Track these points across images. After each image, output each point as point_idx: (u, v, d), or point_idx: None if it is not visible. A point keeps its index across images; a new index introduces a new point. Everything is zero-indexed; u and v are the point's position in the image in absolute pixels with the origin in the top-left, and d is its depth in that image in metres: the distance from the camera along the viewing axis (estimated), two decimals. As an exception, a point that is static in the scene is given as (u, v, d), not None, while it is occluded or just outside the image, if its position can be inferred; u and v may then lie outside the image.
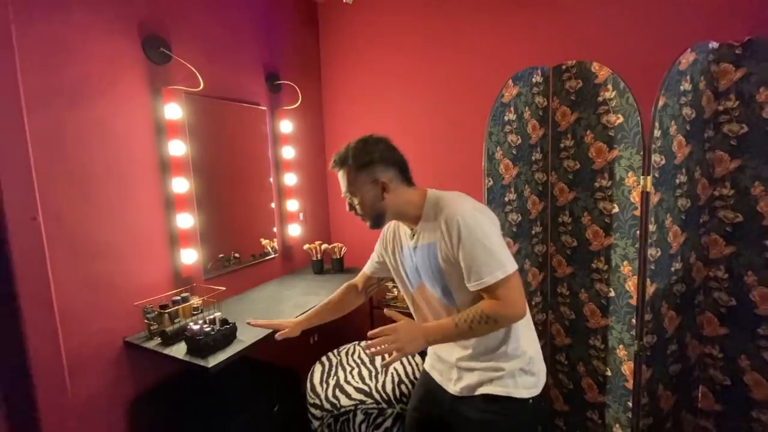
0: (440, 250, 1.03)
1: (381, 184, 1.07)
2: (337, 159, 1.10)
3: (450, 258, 1.02)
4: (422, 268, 1.11)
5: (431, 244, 1.06)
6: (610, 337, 1.57)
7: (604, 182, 1.53)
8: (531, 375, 1.10)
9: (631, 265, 1.46)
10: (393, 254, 1.23)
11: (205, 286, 1.83)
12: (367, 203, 1.09)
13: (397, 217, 1.14)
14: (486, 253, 0.97)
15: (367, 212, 1.10)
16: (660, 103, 1.33)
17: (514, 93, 1.58)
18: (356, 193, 1.09)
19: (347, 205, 1.14)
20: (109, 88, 1.53)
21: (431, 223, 1.06)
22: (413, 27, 2.33)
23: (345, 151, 1.09)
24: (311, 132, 2.65)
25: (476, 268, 0.98)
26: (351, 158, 1.08)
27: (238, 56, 2.10)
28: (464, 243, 0.98)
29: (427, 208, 1.08)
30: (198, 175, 1.84)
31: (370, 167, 1.07)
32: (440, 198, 1.08)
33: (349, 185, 1.09)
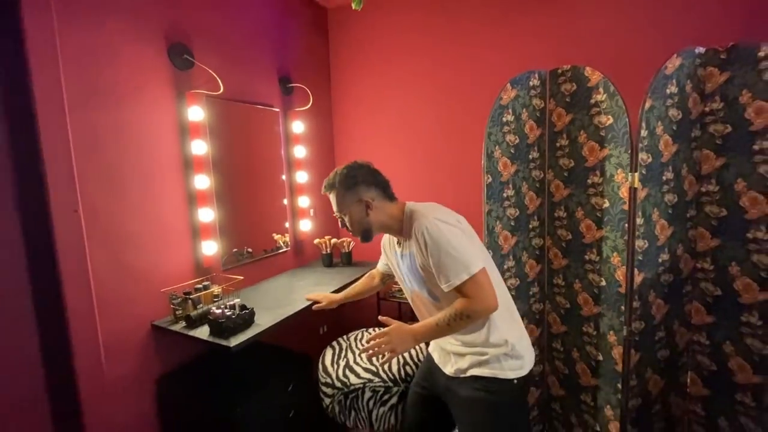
0: (419, 258, 1.19)
1: (365, 203, 1.24)
2: (327, 184, 1.29)
3: (425, 266, 1.18)
4: (409, 274, 1.29)
5: (411, 253, 1.23)
6: (601, 323, 1.68)
7: (596, 179, 1.64)
8: (516, 359, 1.21)
9: (620, 256, 1.56)
10: (391, 259, 1.40)
11: (223, 275, 1.97)
12: (354, 220, 1.26)
13: (382, 229, 1.30)
14: (450, 258, 1.11)
15: (355, 228, 1.28)
16: (647, 105, 1.44)
17: (512, 96, 1.69)
18: (345, 211, 1.27)
19: (339, 222, 1.31)
20: (139, 92, 1.67)
21: (408, 236, 1.22)
22: (418, 33, 2.46)
23: (333, 177, 1.28)
24: (321, 132, 2.78)
25: (444, 273, 1.12)
26: (338, 183, 1.26)
27: (254, 61, 2.23)
28: (431, 252, 1.13)
29: (405, 222, 1.24)
30: (217, 172, 1.97)
31: (355, 188, 1.25)
32: (413, 212, 1.22)
33: (338, 205, 1.27)
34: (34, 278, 1.41)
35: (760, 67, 1.42)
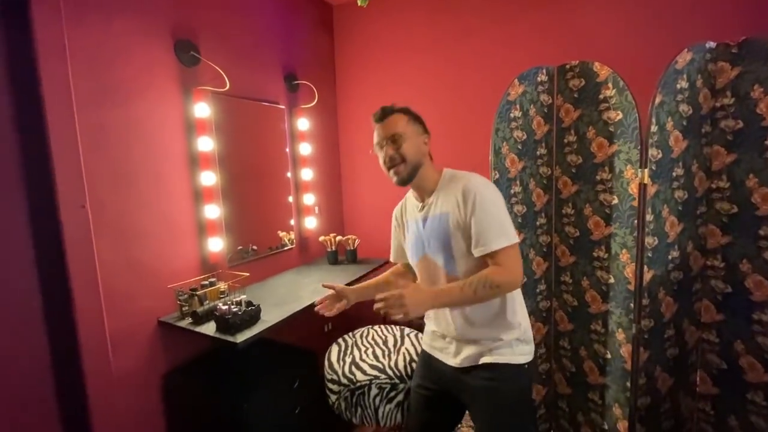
0: (452, 218, 1.14)
1: (427, 137, 1.22)
2: (388, 107, 1.19)
3: (461, 225, 1.12)
4: (430, 238, 1.21)
5: (444, 214, 1.16)
6: (610, 321, 1.66)
7: (605, 175, 1.62)
8: (526, 344, 1.23)
9: (629, 253, 1.55)
10: (408, 225, 1.33)
11: (229, 272, 1.97)
12: (413, 151, 1.17)
13: (419, 182, 1.21)
14: (495, 221, 1.09)
15: (410, 160, 1.16)
16: (657, 100, 1.42)
17: (519, 91, 1.68)
18: (408, 138, 1.17)
19: (386, 154, 1.16)
20: (146, 89, 1.67)
21: (446, 195, 1.17)
22: (423, 29, 2.44)
23: (396, 105, 1.21)
24: (326, 129, 2.78)
25: (484, 234, 1.08)
26: (408, 109, 1.20)
27: (260, 58, 2.23)
28: (477, 211, 1.09)
29: (443, 182, 1.21)
30: (223, 169, 1.98)
31: (421, 122, 1.21)
32: (456, 173, 1.21)
33: (404, 127, 1.17)
34: (42, 274, 1.42)
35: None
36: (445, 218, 1.17)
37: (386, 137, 1.18)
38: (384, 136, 1.18)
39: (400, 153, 1.16)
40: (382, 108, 1.21)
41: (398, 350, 1.72)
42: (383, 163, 1.20)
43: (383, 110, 1.20)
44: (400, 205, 1.39)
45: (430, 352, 1.35)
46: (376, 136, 1.21)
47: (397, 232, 1.42)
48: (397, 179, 1.19)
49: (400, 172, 1.18)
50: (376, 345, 1.78)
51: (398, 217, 1.40)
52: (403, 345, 1.76)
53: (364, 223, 2.87)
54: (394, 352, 1.71)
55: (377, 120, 1.21)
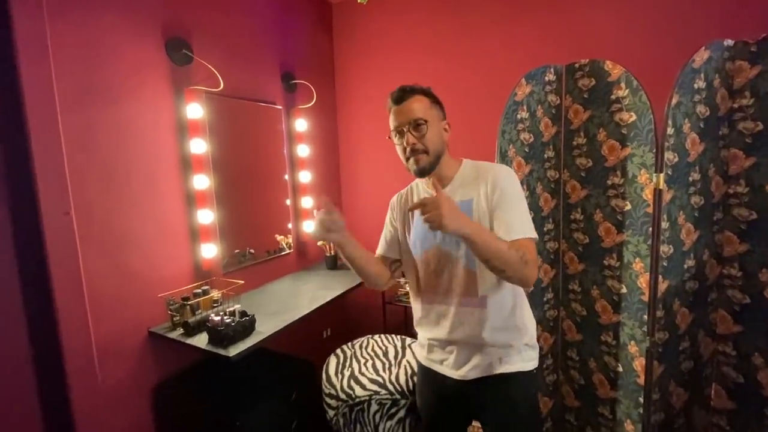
0: (478, 205, 1.06)
1: (446, 124, 1.12)
2: (408, 86, 1.08)
3: (487, 213, 1.05)
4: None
5: (466, 202, 1.08)
6: (621, 333, 1.59)
7: (617, 180, 1.54)
8: (533, 349, 1.17)
9: (643, 262, 1.47)
10: (403, 221, 1.23)
11: (223, 279, 1.89)
12: (436, 139, 1.08)
13: (438, 171, 1.11)
14: (524, 214, 1.04)
15: (433, 151, 1.07)
16: (673, 101, 1.34)
17: (527, 91, 1.60)
18: (431, 124, 1.07)
19: (407, 142, 1.05)
20: (136, 89, 1.59)
21: (469, 183, 1.10)
22: (426, 27, 2.37)
23: (416, 85, 1.10)
24: (325, 131, 2.70)
25: (512, 222, 1.02)
26: (429, 91, 1.10)
27: (255, 56, 2.15)
28: (507, 199, 1.04)
29: (464, 171, 1.13)
30: (217, 172, 1.90)
31: (441, 106, 1.12)
32: (479, 163, 1.14)
33: (427, 112, 1.07)
34: (24, 283, 1.34)
35: (796, 59, 1.32)
36: (467, 205, 1.08)
37: (407, 122, 1.06)
38: (404, 120, 1.06)
39: (423, 142, 1.06)
40: (402, 88, 1.08)
41: (399, 363, 1.64)
42: (402, 152, 1.10)
43: (403, 90, 1.08)
44: (403, 194, 1.27)
45: (428, 365, 1.24)
46: (394, 120, 1.09)
47: (392, 223, 1.27)
48: (417, 169, 1.09)
49: (421, 161, 1.07)
50: (376, 357, 1.70)
51: (399, 204, 1.26)
52: (404, 357, 1.69)
53: (364, 227, 2.79)
54: (395, 364, 1.63)
55: (396, 101, 1.08)
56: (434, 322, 1.19)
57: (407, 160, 1.10)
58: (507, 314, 1.12)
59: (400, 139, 1.09)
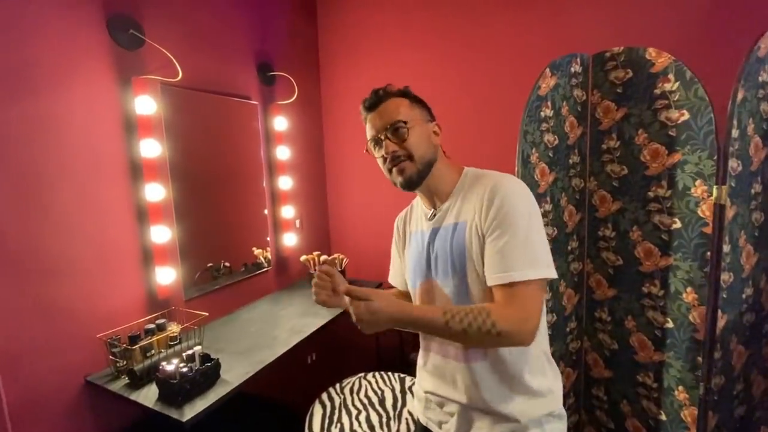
0: (471, 229, 0.83)
1: (435, 128, 0.92)
2: (381, 90, 0.91)
3: (480, 238, 0.82)
4: (439, 256, 0.88)
5: (460, 224, 0.86)
6: (666, 375, 1.33)
7: (662, 191, 1.28)
8: (559, 419, 0.88)
9: (697, 293, 1.21)
10: (411, 238, 1.00)
11: (185, 310, 1.57)
12: (422, 141, 0.88)
13: (431, 182, 0.90)
14: (525, 243, 0.77)
15: (419, 155, 0.87)
16: (738, 97, 1.09)
17: (551, 84, 1.33)
18: (413, 126, 0.87)
19: (386, 150, 0.87)
20: (66, 76, 1.26)
21: (466, 200, 0.87)
22: (425, 13, 2.07)
23: (391, 86, 0.93)
24: (309, 130, 2.39)
25: (506, 257, 0.76)
26: (408, 91, 0.93)
27: (225, 42, 1.83)
28: (502, 222, 0.78)
29: (463, 183, 0.90)
30: (177, 180, 1.58)
31: (425, 106, 0.93)
32: (482, 173, 0.90)
33: (407, 113, 0.88)
34: None
35: None
36: (461, 229, 0.85)
37: (384, 128, 0.87)
38: (381, 126, 0.87)
39: (404, 147, 0.86)
40: (375, 91, 0.91)
41: (399, 415, 1.35)
42: (383, 163, 0.89)
43: (376, 94, 0.90)
44: (405, 213, 1.07)
45: (425, 423, 0.98)
46: (370, 128, 0.90)
47: (397, 246, 1.07)
48: (402, 181, 0.87)
49: (407, 170, 0.86)
50: (371, 406, 1.40)
51: (399, 227, 1.07)
52: (404, 406, 1.39)
53: (354, 240, 2.49)
54: (395, 417, 1.34)
55: (369, 107, 0.91)
56: (431, 372, 0.96)
57: (390, 171, 0.89)
58: (519, 372, 0.85)
59: (378, 150, 0.90)
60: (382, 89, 0.91)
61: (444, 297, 0.89)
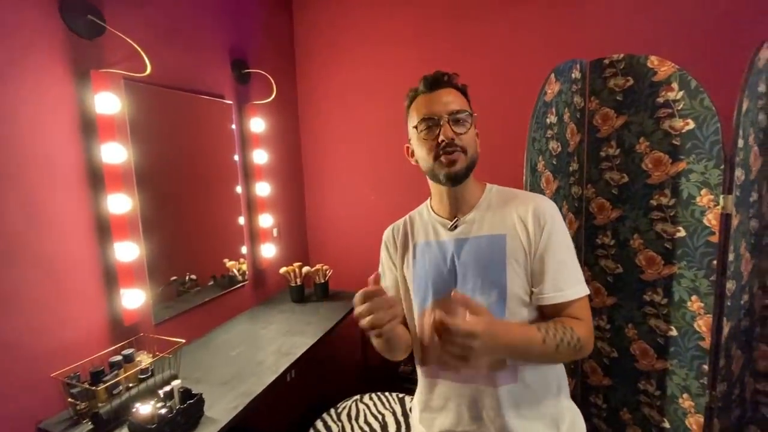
0: (511, 244, 0.82)
1: (476, 134, 0.88)
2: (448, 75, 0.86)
3: (524, 256, 0.82)
4: (470, 267, 0.84)
5: (497, 236, 0.84)
6: (669, 383, 1.33)
7: (665, 200, 1.28)
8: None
9: (703, 301, 1.22)
10: (402, 257, 0.94)
11: (156, 336, 1.38)
12: (474, 143, 0.86)
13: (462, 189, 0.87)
14: (574, 262, 0.83)
15: (471, 152, 0.84)
16: (744, 107, 1.10)
17: (556, 90, 1.29)
18: (472, 125, 0.85)
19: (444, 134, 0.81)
20: (10, 67, 1.05)
21: (498, 214, 0.86)
22: (410, 8, 1.99)
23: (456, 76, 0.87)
24: (289, 133, 2.24)
25: (561, 277, 0.80)
26: (465, 90, 0.88)
27: (195, 34, 1.65)
28: (554, 244, 0.81)
29: (488, 197, 0.89)
30: (144, 188, 1.39)
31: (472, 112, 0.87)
32: (508, 190, 0.91)
33: (465, 107, 0.85)
34: None
35: None
36: (499, 241, 0.83)
37: (448, 112, 0.82)
38: (443, 110, 0.82)
39: (462, 139, 0.82)
40: (440, 72, 0.86)
41: (406, 444, 1.25)
42: (429, 149, 0.83)
43: (441, 76, 0.85)
44: (399, 225, 0.98)
45: None
46: (427, 107, 0.84)
47: (392, 260, 0.97)
48: (450, 172, 0.83)
49: (459, 163, 0.83)
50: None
51: (395, 239, 0.96)
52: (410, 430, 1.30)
53: (334, 249, 2.36)
54: (402, 445, 1.24)
55: (429, 87, 0.85)
56: (441, 406, 0.89)
57: (436, 158, 0.83)
58: (549, 397, 0.84)
59: (429, 133, 0.83)
60: (447, 74, 0.86)
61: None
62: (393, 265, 0.96)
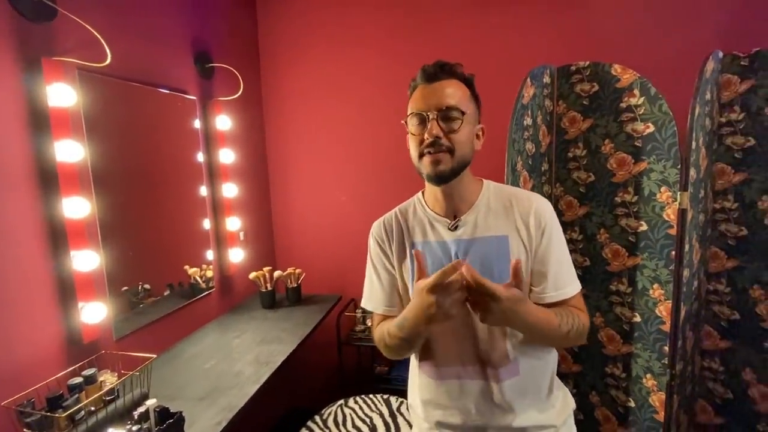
0: (515, 244, 0.82)
1: (481, 129, 0.86)
2: (450, 66, 0.82)
3: (525, 256, 0.82)
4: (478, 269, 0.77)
5: (502, 238, 0.83)
6: (634, 365, 1.45)
7: (628, 197, 1.40)
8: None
9: (663, 289, 1.34)
10: (400, 255, 0.90)
11: (120, 353, 1.25)
12: (468, 141, 0.81)
13: (458, 187, 0.84)
14: (569, 260, 0.86)
15: (461, 152, 0.80)
16: (696, 112, 1.22)
17: (531, 93, 1.36)
18: (467, 121, 0.80)
19: (430, 132, 0.77)
20: (-61, 50, 0.91)
21: (498, 214, 0.85)
22: (379, 12, 2.00)
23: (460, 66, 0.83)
24: (257, 131, 2.15)
25: (563, 276, 0.83)
26: (470, 81, 0.84)
27: (156, 22, 1.53)
28: (555, 244, 0.83)
29: (488, 194, 0.87)
30: (103, 190, 1.26)
31: (479, 104, 0.86)
32: (507, 188, 0.90)
33: (466, 104, 0.81)
34: None
35: (793, 76, 1.31)
36: (504, 243, 0.83)
37: (438, 107, 0.78)
38: (434, 105, 0.78)
39: (450, 138, 0.78)
40: (440, 63, 0.81)
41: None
42: (417, 145, 0.81)
43: (441, 66, 0.81)
44: (390, 221, 0.92)
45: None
46: (420, 101, 0.81)
47: (385, 263, 0.92)
48: (433, 172, 0.79)
49: (442, 164, 0.79)
50: (364, 437, 1.28)
51: (388, 237, 0.91)
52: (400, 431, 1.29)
53: (303, 252, 2.30)
54: (395, 446, 1.23)
55: (427, 78, 0.81)
56: (446, 404, 0.88)
57: (421, 156, 0.81)
58: (547, 383, 0.87)
59: (418, 128, 0.80)
60: (448, 64, 0.82)
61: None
62: (387, 262, 0.91)
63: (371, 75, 2.04)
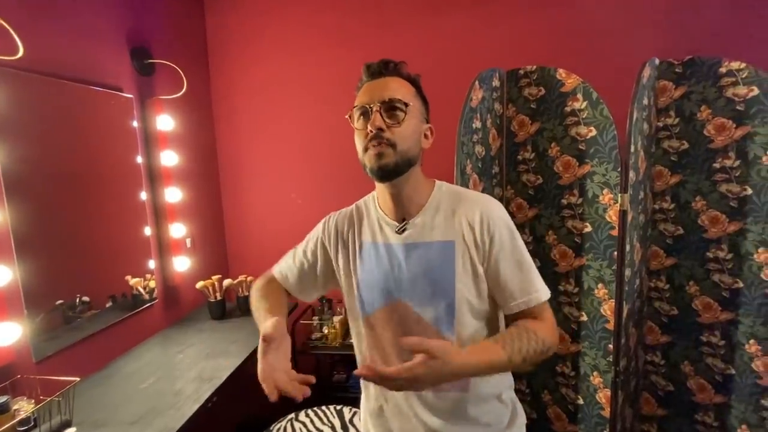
0: (460, 252, 0.78)
1: (429, 129, 0.83)
2: (394, 63, 0.81)
3: (473, 265, 0.78)
4: (419, 275, 0.80)
5: (445, 244, 0.79)
6: (582, 363, 1.48)
7: (574, 199, 1.43)
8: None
9: (607, 288, 1.38)
10: (345, 254, 0.88)
11: (39, 377, 1.14)
12: (412, 137, 0.78)
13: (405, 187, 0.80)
14: (531, 266, 0.80)
15: (404, 146, 0.76)
16: (635, 117, 1.26)
17: (479, 97, 1.36)
18: (411, 116, 0.77)
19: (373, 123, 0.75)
20: None
21: (447, 217, 0.81)
22: (331, 11, 1.95)
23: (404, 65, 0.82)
24: (204, 131, 2.04)
25: (527, 283, 0.78)
26: (414, 80, 0.82)
27: (82, 12, 1.41)
28: (507, 251, 0.78)
29: (439, 196, 0.83)
30: (17, 197, 1.14)
31: (426, 104, 0.84)
32: (459, 190, 0.86)
33: (406, 97, 0.78)
34: None
35: (721, 83, 1.38)
36: (449, 249, 0.79)
37: (381, 100, 0.76)
38: (377, 97, 0.76)
39: (392, 131, 0.75)
40: (385, 60, 0.81)
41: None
42: (362, 138, 0.78)
43: (385, 64, 0.80)
44: (348, 214, 0.91)
45: None
46: (364, 95, 0.79)
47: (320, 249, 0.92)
48: (375, 166, 0.76)
49: (385, 157, 0.75)
50: (314, 452, 1.23)
51: (339, 229, 0.90)
52: (352, 443, 1.25)
53: (258, 259, 2.20)
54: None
55: (372, 74, 0.80)
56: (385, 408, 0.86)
57: (365, 150, 0.77)
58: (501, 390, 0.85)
59: (362, 122, 0.78)
60: (393, 62, 0.81)
61: (419, 322, 0.80)
62: (325, 252, 0.90)
63: (325, 74, 1.99)
